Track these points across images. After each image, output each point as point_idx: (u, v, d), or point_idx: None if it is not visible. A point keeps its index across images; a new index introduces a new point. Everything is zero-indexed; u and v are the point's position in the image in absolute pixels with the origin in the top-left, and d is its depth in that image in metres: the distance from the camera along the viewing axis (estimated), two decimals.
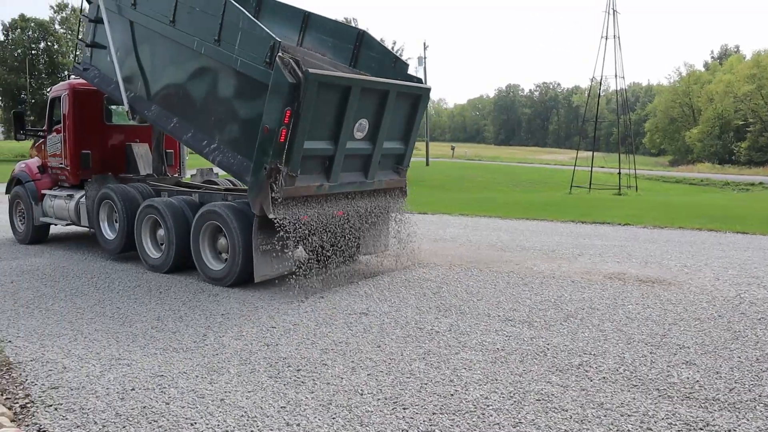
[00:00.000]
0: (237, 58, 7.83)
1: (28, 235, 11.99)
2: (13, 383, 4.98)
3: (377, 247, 9.72)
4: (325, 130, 7.81)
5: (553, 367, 5.17)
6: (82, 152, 11.02)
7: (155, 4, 9.08)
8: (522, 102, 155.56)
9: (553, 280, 8.34)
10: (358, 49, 9.45)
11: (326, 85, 7.49)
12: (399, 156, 9.32)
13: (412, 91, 8.90)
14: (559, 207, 18.95)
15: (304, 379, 4.97)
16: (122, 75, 9.86)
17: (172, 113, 9.24)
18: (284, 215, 7.55)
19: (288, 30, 9.92)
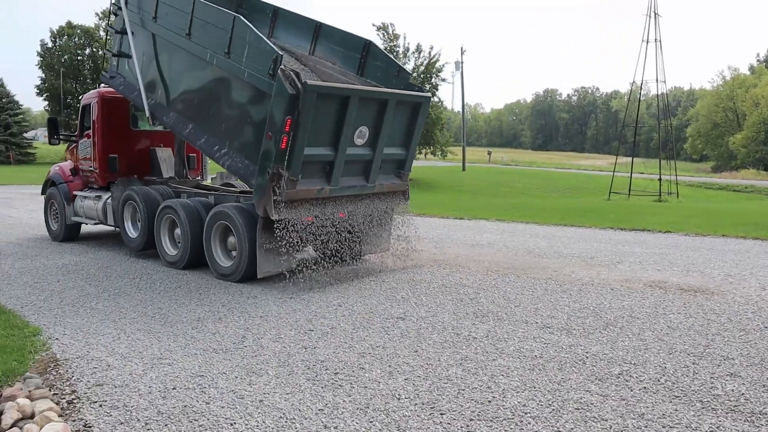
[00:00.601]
0: (244, 69, 8.33)
1: (61, 233, 12.66)
2: (60, 379, 5.13)
3: (379, 247, 10.16)
4: (325, 137, 8.29)
5: (593, 375, 5.11)
6: (109, 156, 11.67)
7: (173, 18, 9.67)
8: (560, 107, 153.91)
9: (591, 288, 8.24)
10: (364, 59, 9.90)
11: (325, 95, 7.99)
12: (400, 161, 9.71)
13: (412, 99, 9.28)
14: (598, 213, 18.68)
15: (341, 382, 5.01)
16: (144, 83, 10.50)
17: (187, 120, 9.81)
18: (286, 216, 8.06)
19: (301, 39, 10.55)
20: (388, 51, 44.68)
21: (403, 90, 9.32)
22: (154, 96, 10.48)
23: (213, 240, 9.11)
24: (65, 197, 12.43)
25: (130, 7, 10.70)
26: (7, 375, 5.12)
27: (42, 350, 5.83)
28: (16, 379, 5.06)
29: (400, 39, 45.14)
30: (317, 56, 10.27)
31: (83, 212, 12.16)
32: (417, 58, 45.06)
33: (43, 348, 5.89)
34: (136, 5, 10.58)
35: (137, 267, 9.92)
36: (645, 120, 58.24)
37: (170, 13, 9.76)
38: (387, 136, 9.05)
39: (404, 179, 9.83)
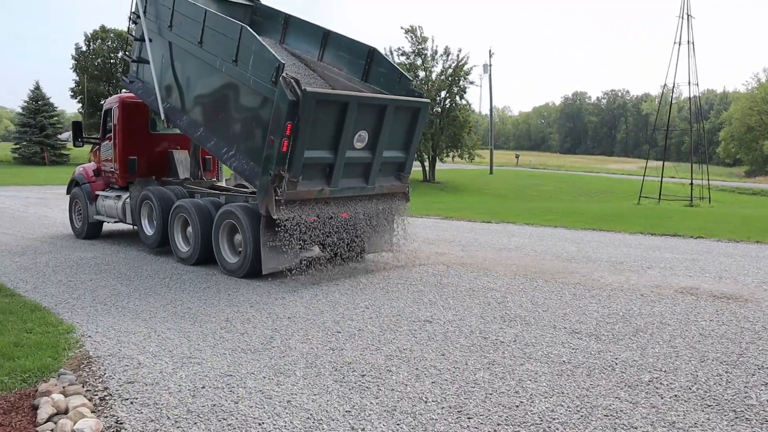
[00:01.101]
0: (250, 76, 8.80)
1: (84, 231, 13.24)
2: (93, 376, 5.22)
3: (382, 246, 10.45)
4: (325, 140, 8.69)
5: (622, 382, 5.05)
6: (129, 158, 12.22)
7: (187, 27, 10.16)
8: (589, 110, 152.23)
9: (621, 293, 8.14)
10: (369, 65, 10.26)
11: (324, 101, 8.41)
12: (400, 164, 10.08)
13: (411, 105, 9.63)
14: (627, 218, 18.44)
15: (368, 384, 5.02)
16: (160, 87, 11.06)
17: (199, 123, 10.36)
18: (287, 216, 8.49)
19: (310, 46, 11.02)
20: (416, 54, 44.76)
21: (405, 96, 9.67)
22: (170, 100, 11.00)
23: (221, 237, 9.57)
24: (88, 197, 13.00)
25: (148, 16, 11.26)
26: (42, 371, 5.24)
27: (75, 347, 5.95)
28: (50, 375, 5.18)
29: (429, 42, 45.03)
30: (325, 62, 10.72)
31: (104, 211, 12.72)
32: (445, 61, 45.00)
33: (76, 345, 6.01)
34: (154, 14, 11.10)
35: (167, 267, 10.06)
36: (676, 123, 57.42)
37: (184, 22, 10.24)
38: (386, 139, 9.42)
39: (404, 181, 10.18)
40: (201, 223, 9.87)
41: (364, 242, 10.05)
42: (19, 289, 8.43)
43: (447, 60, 45.07)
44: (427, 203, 27.56)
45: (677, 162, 56.12)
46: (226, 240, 9.56)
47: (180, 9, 10.35)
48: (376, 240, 10.27)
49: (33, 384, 5.01)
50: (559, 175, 54.31)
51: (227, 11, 11.82)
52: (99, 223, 13.21)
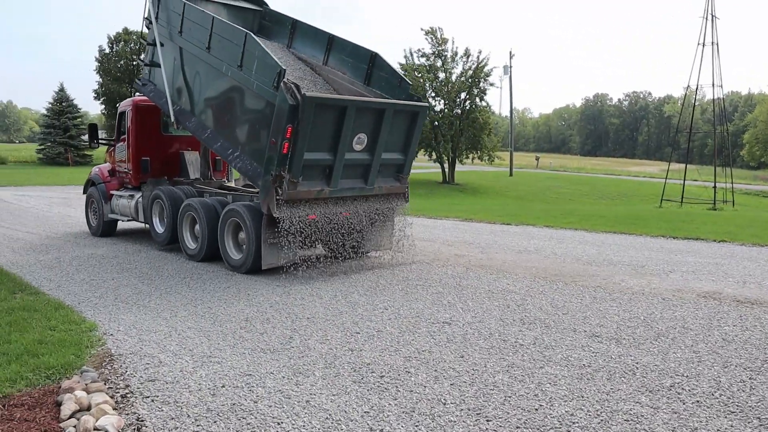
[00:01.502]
0: (254, 81, 9.19)
1: (99, 229, 13.70)
2: (115, 374, 5.29)
3: (381, 244, 10.83)
4: (324, 142, 9.04)
5: (643, 387, 5.00)
6: (142, 159, 12.66)
7: (196, 32, 10.55)
8: (610, 112, 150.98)
9: (642, 297, 8.06)
10: (370, 69, 10.54)
11: (323, 105, 8.74)
12: (399, 165, 10.37)
13: (409, 109, 9.93)
14: (649, 221, 18.24)
15: (387, 385, 5.02)
16: (170, 90, 11.46)
17: (206, 125, 10.76)
18: (287, 214, 8.91)
19: (316, 50, 11.38)
20: (436, 55, 44.73)
21: (404, 99, 9.94)
22: (180, 102, 11.41)
23: (226, 235, 9.96)
24: (103, 196, 13.49)
25: (160, 21, 11.64)
26: (66, 368, 5.31)
27: (98, 345, 6.02)
28: (73, 372, 5.25)
29: (449, 43, 44.96)
30: (330, 66, 11.06)
31: (118, 210, 13.12)
32: (465, 63, 44.89)
33: (98, 343, 6.08)
34: (165, 20, 11.48)
35: (188, 266, 10.15)
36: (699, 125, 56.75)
37: (193, 28, 10.62)
38: (385, 142, 9.73)
39: (403, 182, 10.48)
40: (208, 221, 10.23)
41: (364, 241, 10.50)
42: (43, 287, 8.55)
43: (467, 61, 44.97)
44: (447, 205, 27.51)
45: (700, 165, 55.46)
46: (230, 237, 9.95)
47: (189, 16, 10.72)
48: (376, 239, 10.68)
49: (56, 381, 5.08)
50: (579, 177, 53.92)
51: (238, 16, 12.48)
52: (114, 221, 13.61)
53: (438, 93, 44.69)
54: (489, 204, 30.58)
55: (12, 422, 4.28)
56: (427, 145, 44.74)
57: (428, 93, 44.57)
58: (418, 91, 43.07)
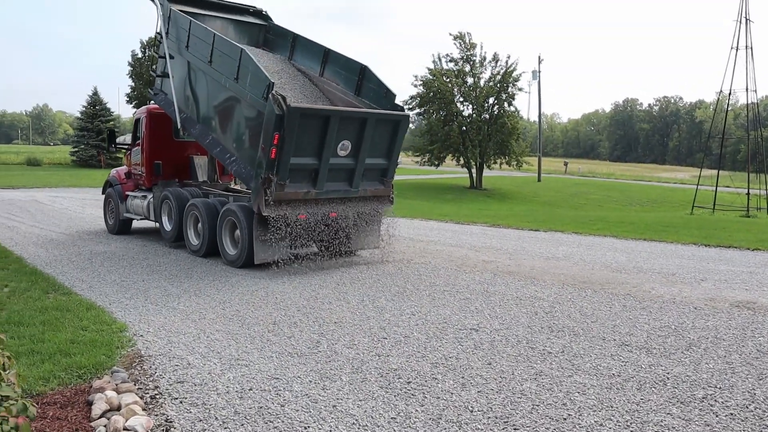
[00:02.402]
0: (248, 92, 9.97)
1: (115, 227, 14.66)
2: (144, 375, 5.35)
3: (369, 243, 11.53)
4: (310, 148, 9.79)
5: (674, 398, 4.91)
6: (154, 162, 13.53)
7: (200, 47, 11.37)
8: (640, 117, 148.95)
9: (673, 306, 7.92)
10: (360, 81, 11.25)
11: (307, 115, 9.49)
12: (383, 170, 11.07)
13: (391, 118, 10.61)
14: (680, 228, 17.93)
15: (414, 391, 5.01)
16: (178, 99, 12.34)
17: (208, 132, 11.58)
18: (275, 213, 9.67)
19: (313, 62, 12.25)
20: (464, 60, 44.64)
21: (389, 109, 10.66)
22: (186, 111, 12.28)
23: (223, 232, 10.77)
24: (119, 196, 14.45)
25: (170, 36, 12.52)
26: (97, 368, 5.40)
27: (128, 346, 6.11)
28: (104, 372, 5.33)
29: (477, 48, 44.84)
30: (325, 77, 11.90)
31: (133, 209, 14.10)
32: (494, 67, 44.71)
33: (129, 344, 6.17)
34: (175, 35, 12.33)
35: (216, 269, 10.25)
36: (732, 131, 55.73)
37: (198, 43, 11.44)
38: (368, 148, 10.42)
39: (387, 185, 11.18)
40: (208, 220, 11.08)
41: (352, 240, 11.21)
42: (75, 287, 8.71)
43: (495, 66, 44.80)
44: (474, 210, 27.39)
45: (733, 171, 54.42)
46: (228, 234, 10.74)
47: (194, 32, 11.53)
48: (363, 238, 11.39)
49: (87, 380, 5.17)
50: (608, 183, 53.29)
51: (245, 31, 13.59)
52: (129, 220, 14.57)
53: (466, 98, 44.59)
54: (517, 209, 30.38)
55: (45, 420, 4.36)
56: (455, 150, 44.63)
57: (456, 98, 44.48)
58: (446, 96, 43.10)
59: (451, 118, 44.39)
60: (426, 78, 44.19)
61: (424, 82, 44.11)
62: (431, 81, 43.68)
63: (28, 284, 8.70)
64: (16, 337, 6.14)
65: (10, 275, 9.35)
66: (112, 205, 14.83)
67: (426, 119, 46.32)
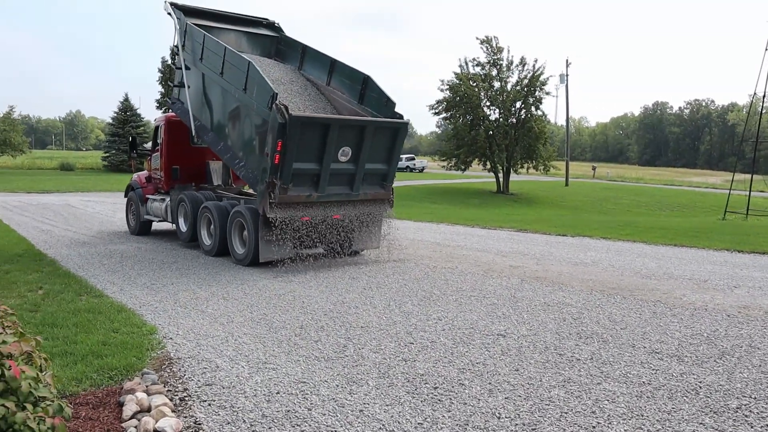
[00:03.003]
0: (254, 102, 10.60)
1: (136, 228, 15.40)
2: (174, 377, 5.42)
3: (369, 244, 12.03)
4: (311, 154, 10.33)
5: (707, 407, 4.82)
6: (172, 167, 14.23)
7: (212, 60, 12.02)
8: (670, 120, 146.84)
9: (705, 313, 7.79)
10: (363, 90, 11.85)
11: (308, 123, 10.06)
12: (383, 174, 11.56)
13: (390, 125, 11.10)
14: (712, 233, 17.62)
15: (441, 397, 4.99)
16: (193, 108, 13.02)
17: (220, 138, 12.24)
18: (279, 215, 10.24)
19: (321, 72, 12.89)
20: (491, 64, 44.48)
21: (389, 117, 11.18)
22: (200, 119, 12.96)
23: (233, 233, 11.38)
24: (140, 199, 15.15)
25: (186, 49, 13.21)
26: (127, 370, 5.48)
27: (158, 348, 6.19)
28: (135, 374, 5.40)
29: (504, 52, 44.62)
30: (332, 86, 12.53)
31: (152, 212, 14.77)
32: (521, 71, 44.44)
33: (158, 346, 6.25)
34: (190, 48, 13.00)
35: (244, 273, 10.34)
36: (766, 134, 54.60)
37: (210, 56, 12.09)
38: (368, 154, 10.93)
39: (387, 189, 11.67)
40: (220, 221, 11.69)
41: (355, 241, 11.75)
42: (106, 290, 8.85)
43: (523, 70, 44.52)
44: (501, 215, 27.25)
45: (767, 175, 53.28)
46: (237, 235, 11.33)
47: (208, 45, 12.19)
48: (365, 239, 11.92)
49: (119, 382, 5.24)
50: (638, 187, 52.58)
51: (257, 42, 14.28)
52: (149, 222, 15.24)
53: (493, 102, 44.40)
54: (544, 214, 30.13)
55: (78, 420, 4.44)
56: (481, 154, 44.43)
57: (483, 102, 44.29)
58: (473, 101, 42.98)
59: (478, 122, 44.23)
60: (452, 82, 44.12)
61: (451, 87, 44.03)
62: (458, 85, 43.57)
63: (61, 287, 8.88)
64: (50, 338, 6.27)
65: (44, 278, 9.55)
66: (133, 208, 15.57)
67: (452, 124, 46.21)
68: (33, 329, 6.40)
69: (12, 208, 22.73)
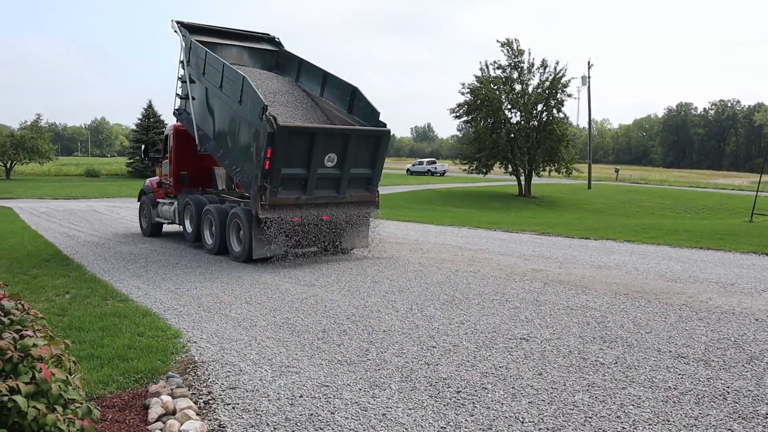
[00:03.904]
0: (248, 113, 11.46)
1: (148, 230, 16.33)
2: (198, 381, 5.47)
3: (358, 243, 12.93)
4: (299, 160, 11.27)
5: (735, 413, 4.75)
6: (180, 173, 15.17)
7: (213, 74, 12.91)
8: (694, 121, 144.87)
9: (732, 317, 7.67)
10: (352, 100, 12.82)
11: (295, 132, 11.00)
12: (368, 178, 12.44)
13: (373, 134, 12.06)
14: (738, 236, 17.34)
15: (464, 401, 4.98)
16: (197, 119, 14.02)
17: (220, 146, 13.20)
18: (271, 216, 11.18)
19: (315, 84, 13.90)
20: (512, 67, 44.29)
21: (374, 126, 12.06)
22: (203, 128, 13.86)
23: (230, 232, 12.34)
24: (152, 203, 16.14)
25: (191, 63, 14.05)
26: (153, 373, 5.54)
27: (182, 352, 6.25)
28: (160, 377, 5.47)
29: (525, 54, 44.39)
30: (325, 97, 13.49)
31: (162, 214, 15.73)
32: (542, 74, 44.16)
33: (183, 350, 6.32)
34: (195, 63, 13.84)
35: (267, 277, 10.41)
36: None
37: (211, 71, 13.01)
38: (353, 160, 11.81)
39: (372, 192, 12.53)
40: (219, 222, 12.60)
41: (343, 240, 12.65)
42: (132, 294, 8.97)
43: (544, 72, 44.22)
44: (523, 218, 27.10)
45: None
46: (234, 234, 12.27)
47: (209, 61, 13.09)
48: (353, 238, 12.79)
49: (144, 385, 5.31)
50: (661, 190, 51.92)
51: (258, 56, 15.33)
52: (159, 224, 16.18)
53: (514, 105, 44.15)
54: (566, 217, 29.90)
55: (104, 423, 4.50)
56: (503, 157, 44.21)
57: (504, 105, 44.08)
58: (494, 104, 42.80)
59: (499, 125, 44.01)
60: (473, 85, 43.98)
61: (472, 90, 43.89)
62: (478, 88, 43.43)
63: (87, 291, 9.01)
64: (77, 342, 6.36)
65: (71, 282, 9.70)
66: (145, 211, 16.51)
67: (473, 127, 46.04)
68: (61, 333, 6.51)
69: (39, 214, 23.12)
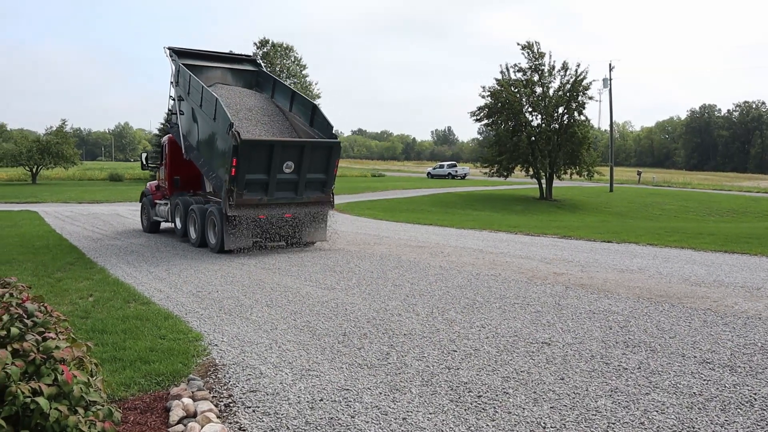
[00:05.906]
0: (220, 128, 13.50)
1: (148, 227, 18.67)
2: (219, 383, 5.49)
3: (317, 237, 15.01)
4: (261, 167, 13.32)
5: (762, 420, 4.65)
6: (174, 177, 17.37)
7: (195, 94, 15.04)
8: (718, 123, 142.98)
9: (759, 322, 7.53)
10: (313, 115, 15.00)
11: (255, 145, 13.13)
12: (323, 182, 14.44)
13: (325, 145, 14.18)
14: (764, 239, 17.04)
15: (485, 405, 4.94)
16: (183, 131, 16.15)
17: (201, 155, 15.22)
18: (236, 214, 13.29)
19: (285, 101, 16.09)
20: (533, 70, 44.07)
21: (327, 138, 14.17)
22: (189, 140, 15.94)
23: (208, 227, 14.46)
24: (151, 204, 18.45)
25: (179, 84, 16.22)
26: (174, 376, 5.58)
27: (203, 355, 6.29)
28: (181, 380, 5.50)
29: (546, 57, 44.13)
30: (293, 112, 15.65)
31: (159, 214, 17.97)
32: (563, 76, 43.86)
33: (204, 353, 6.35)
34: (182, 84, 15.95)
35: (287, 280, 10.44)
36: None
37: (194, 92, 15.13)
38: (308, 167, 13.85)
39: (327, 193, 14.58)
40: (200, 219, 14.61)
41: (304, 234, 14.69)
42: (153, 297, 9.04)
43: (565, 75, 43.91)
44: (544, 222, 26.90)
45: None
46: (210, 229, 14.33)
47: (192, 83, 15.19)
48: (312, 233, 14.81)
49: (165, 387, 5.34)
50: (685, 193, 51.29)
51: (240, 76, 17.64)
52: (157, 222, 18.51)
53: (535, 108, 43.86)
54: (588, 221, 29.63)
55: (126, 425, 4.53)
56: (524, 160, 43.96)
57: (525, 108, 43.84)
58: (514, 107, 42.60)
59: (520, 128, 43.76)
60: (494, 89, 43.81)
61: (492, 93, 43.72)
62: (499, 91, 43.25)
63: (110, 294, 9.11)
64: (100, 344, 6.42)
65: (94, 285, 9.81)
66: (145, 210, 18.83)
67: (494, 130, 45.83)
68: (84, 335, 6.58)
69: (64, 218, 23.46)
